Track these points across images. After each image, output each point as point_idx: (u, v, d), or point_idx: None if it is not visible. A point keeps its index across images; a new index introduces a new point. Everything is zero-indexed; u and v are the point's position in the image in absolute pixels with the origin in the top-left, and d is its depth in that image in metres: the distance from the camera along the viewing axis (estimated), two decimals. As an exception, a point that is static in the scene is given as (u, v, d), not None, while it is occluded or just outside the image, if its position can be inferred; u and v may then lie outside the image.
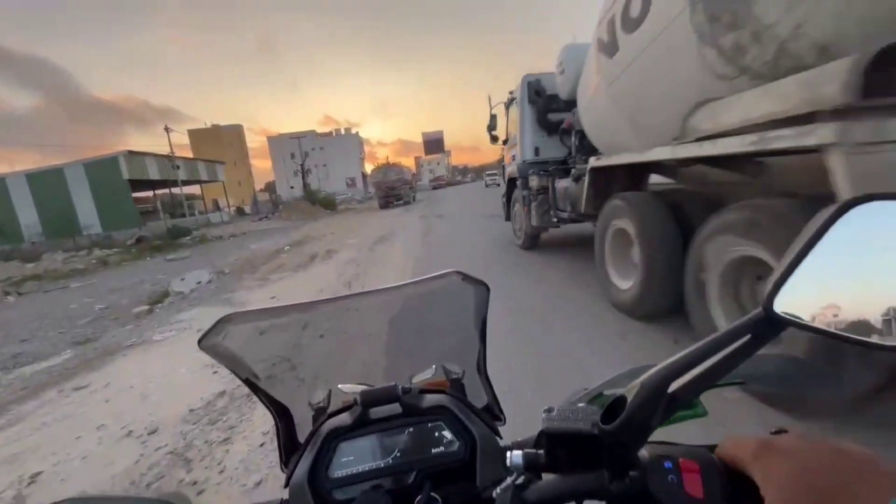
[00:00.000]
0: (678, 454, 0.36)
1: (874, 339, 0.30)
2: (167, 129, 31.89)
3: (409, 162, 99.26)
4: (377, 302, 0.71)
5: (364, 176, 71.83)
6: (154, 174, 29.33)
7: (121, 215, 26.16)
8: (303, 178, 42.58)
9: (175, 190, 35.00)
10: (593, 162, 4.48)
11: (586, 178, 4.65)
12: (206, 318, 5.76)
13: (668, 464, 0.36)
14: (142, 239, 21.79)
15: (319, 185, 57.82)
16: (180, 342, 4.89)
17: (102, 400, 3.55)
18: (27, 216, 26.69)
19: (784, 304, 0.33)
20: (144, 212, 31.72)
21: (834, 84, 1.74)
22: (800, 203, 2.13)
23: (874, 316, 0.30)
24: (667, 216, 3.41)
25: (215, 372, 3.75)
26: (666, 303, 3.34)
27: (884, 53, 1.61)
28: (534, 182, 6.57)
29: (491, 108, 8.14)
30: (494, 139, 8.45)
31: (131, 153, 27.67)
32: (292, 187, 64.99)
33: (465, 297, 0.67)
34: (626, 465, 0.37)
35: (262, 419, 2.84)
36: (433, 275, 0.64)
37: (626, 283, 3.79)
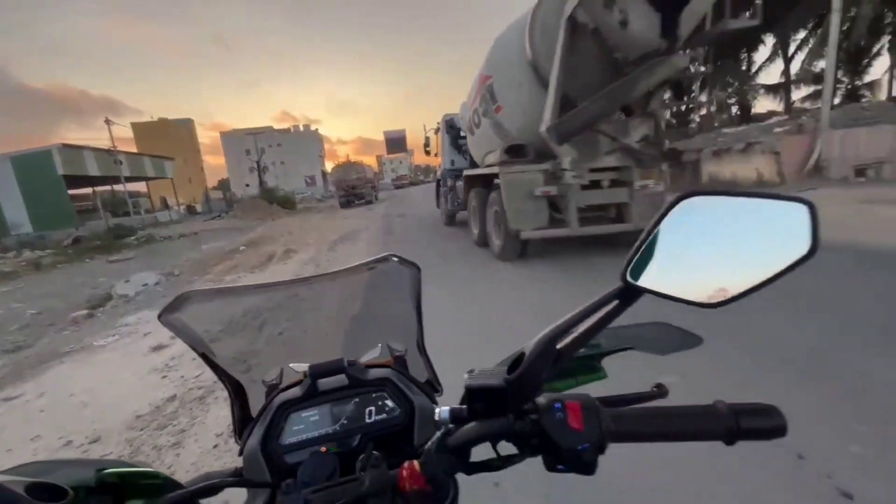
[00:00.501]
0: (566, 398, 0.45)
1: (700, 299, 0.41)
2: (108, 122, 29.82)
3: (370, 160, 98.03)
4: (326, 286, 0.77)
5: (324, 174, 70.19)
6: (93, 170, 27.33)
7: (55, 214, 24.19)
8: (259, 175, 41.03)
9: (118, 187, 32.77)
10: (465, 173, 8.52)
11: (463, 181, 8.79)
12: (152, 322, 5.48)
13: (557, 405, 0.44)
14: (79, 239, 20.24)
15: (277, 182, 55.97)
16: (125, 346, 4.64)
17: (37, 410, 3.32)
18: (-57, 214, 24.17)
19: (637, 276, 0.42)
20: (83, 210, 29.58)
21: (499, 153, 6.16)
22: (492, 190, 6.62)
23: (698, 282, 0.41)
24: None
25: (164, 377, 3.62)
26: (515, 253, 6.17)
27: (510, 147, 6.08)
28: (448, 182, 10.75)
29: (426, 133, 12.81)
30: (428, 153, 13.09)
31: (66, 146, 25.66)
32: (248, 185, 62.50)
33: (402, 279, 0.73)
34: (526, 410, 0.46)
35: (216, 421, 2.78)
36: (372, 259, 0.70)
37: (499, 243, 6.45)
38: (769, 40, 20.27)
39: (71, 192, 27.51)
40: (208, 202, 42.98)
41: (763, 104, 21.86)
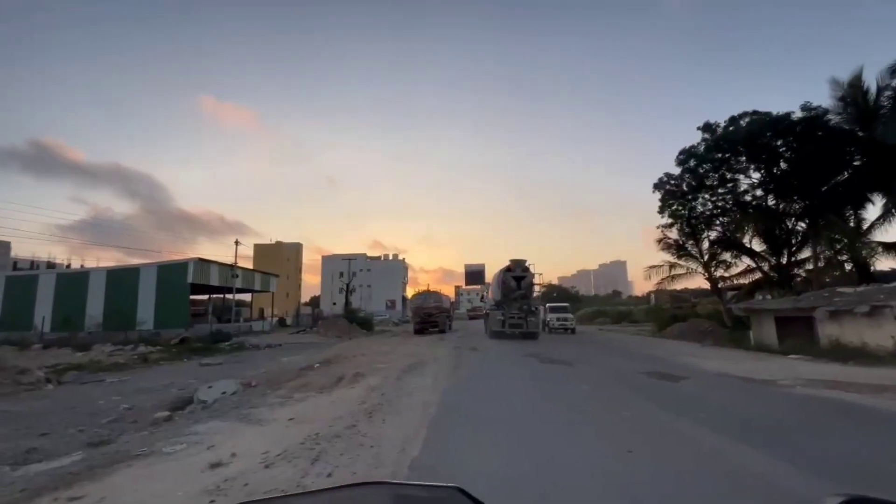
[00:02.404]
0: None
1: None
2: (237, 243, 35.56)
3: (449, 290, 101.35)
4: (377, 498, 0.67)
5: (404, 299, 73.66)
6: (214, 280, 31.80)
7: (174, 315, 27.77)
8: (346, 296, 44.31)
9: (229, 296, 37.29)
10: (487, 310, 27.10)
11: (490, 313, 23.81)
12: (219, 434, 5.58)
13: None
14: (185, 340, 22.59)
15: (361, 303, 59.62)
16: (187, 458, 4.68)
17: (91, 517, 3.33)
18: (94, 307, 28.96)
19: None
20: (196, 314, 33.54)
21: (488, 306, 29.45)
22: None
23: None
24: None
25: (212, 501, 3.49)
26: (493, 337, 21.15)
27: (495, 304, 24.16)
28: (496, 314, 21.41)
29: (484, 291, 41.42)
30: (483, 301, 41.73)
31: (201, 260, 30.60)
32: (335, 304, 67.36)
33: None
34: None
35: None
36: (434, 484, 0.62)
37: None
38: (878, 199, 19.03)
39: (192, 297, 31.85)
40: (298, 316, 46.56)
41: (885, 263, 19.48)
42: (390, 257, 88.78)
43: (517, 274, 20.39)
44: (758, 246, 21.47)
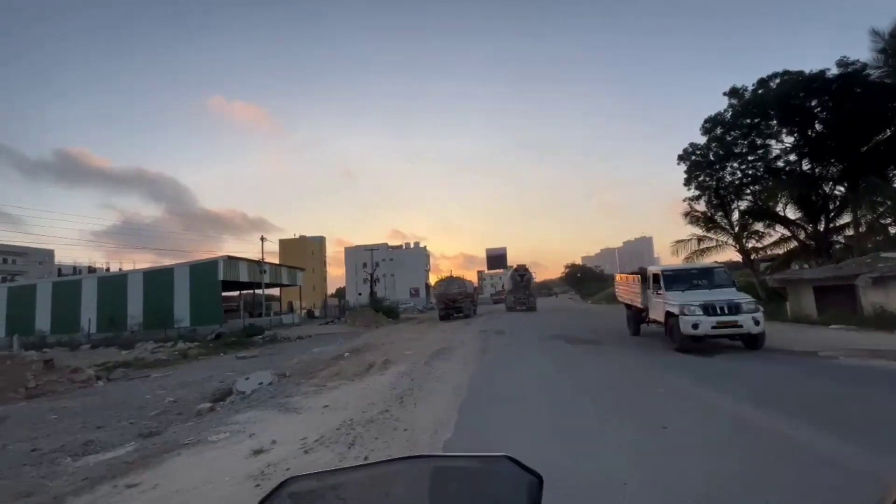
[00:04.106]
0: None
1: None
2: (262, 239, 36.43)
3: (471, 275, 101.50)
4: (425, 469, 0.68)
5: (427, 287, 74.19)
6: (244, 277, 32.75)
7: (208, 312, 28.84)
8: (371, 286, 44.95)
9: (258, 291, 38.40)
10: (508, 292, 37.08)
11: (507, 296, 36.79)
12: (259, 422, 5.81)
13: None
14: (220, 335, 23.48)
15: (386, 293, 60.39)
16: (231, 446, 4.90)
17: (149, 502, 3.54)
18: (134, 307, 30.38)
19: None
20: (229, 310, 34.71)
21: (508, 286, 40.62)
22: None
23: None
24: None
25: (258, 486, 3.65)
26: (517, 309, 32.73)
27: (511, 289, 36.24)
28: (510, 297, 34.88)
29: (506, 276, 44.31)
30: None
31: (230, 258, 31.53)
32: (360, 294, 68.41)
33: (516, 486, 0.60)
34: None
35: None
36: (482, 454, 0.62)
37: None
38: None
39: (224, 294, 32.96)
40: (325, 308, 47.60)
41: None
42: (411, 245, 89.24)
43: (521, 273, 34.81)
44: (792, 214, 20.49)
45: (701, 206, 22.92)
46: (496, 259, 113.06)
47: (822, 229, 19.18)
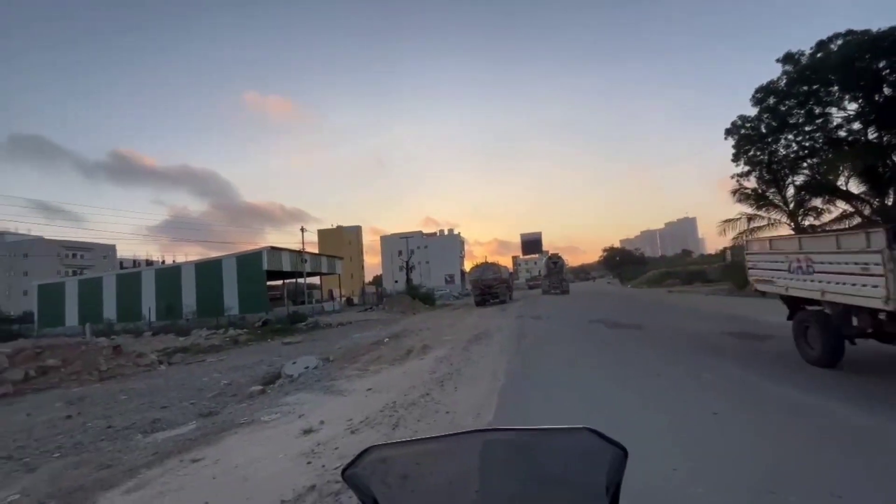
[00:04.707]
0: None
1: None
2: (302, 230, 37.66)
3: (506, 261, 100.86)
4: (503, 441, 0.69)
5: (462, 273, 74.43)
6: (286, 266, 34.09)
7: (254, 300, 30.31)
8: (407, 273, 45.65)
9: (300, 280, 39.89)
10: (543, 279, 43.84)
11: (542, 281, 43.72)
12: (307, 404, 6.10)
13: None
14: (267, 322, 24.66)
15: (421, 280, 61.16)
16: (282, 426, 5.19)
17: (210, 476, 3.82)
18: (188, 297, 32.39)
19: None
20: (273, 298, 36.32)
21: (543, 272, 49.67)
22: None
23: None
24: None
25: (309, 462, 3.86)
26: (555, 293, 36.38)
27: (547, 273, 42.13)
28: (545, 282, 40.39)
29: (545, 269, 42.50)
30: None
31: (273, 248, 32.85)
32: (396, 281, 69.68)
33: (598, 459, 0.60)
34: None
35: (345, 523, 2.77)
36: (564, 427, 0.62)
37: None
38: None
39: (268, 283, 34.51)
40: (364, 295, 48.87)
41: None
42: (445, 233, 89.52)
43: (555, 260, 40.34)
44: (856, 188, 18.83)
45: (751, 183, 21.55)
46: (531, 244, 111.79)
47: (890, 203, 17.57)
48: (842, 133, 18.66)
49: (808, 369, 5.84)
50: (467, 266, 64.36)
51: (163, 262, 54.26)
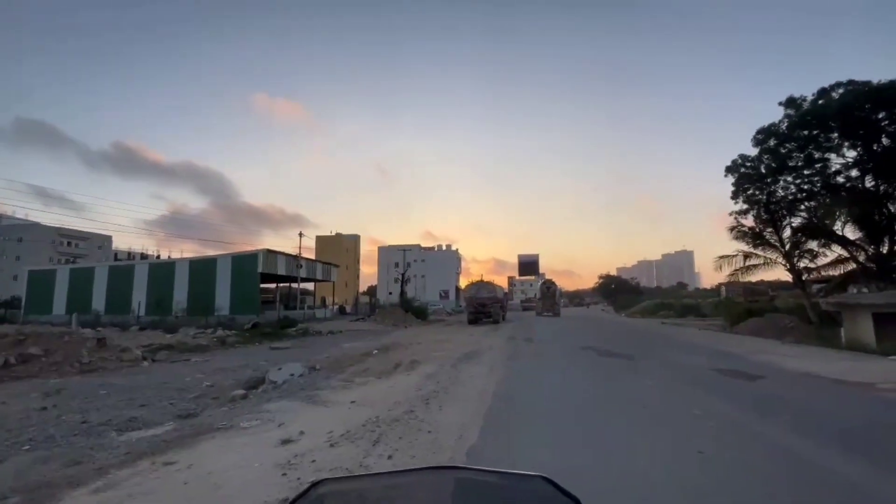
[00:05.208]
0: None
1: None
2: (301, 235, 37.85)
3: (501, 280, 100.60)
4: (455, 481, 0.67)
5: (457, 289, 74.26)
6: (281, 270, 33.91)
7: (246, 302, 30.04)
8: (402, 285, 45.48)
9: (294, 285, 39.66)
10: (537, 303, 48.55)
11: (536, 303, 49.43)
12: (288, 413, 5.98)
13: None
14: (257, 325, 24.41)
15: (416, 293, 60.96)
16: (261, 433, 5.07)
17: (182, 482, 3.71)
18: (180, 294, 32.09)
19: None
20: (265, 301, 36.03)
21: (538, 295, 54.70)
22: None
23: None
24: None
25: (284, 474, 3.76)
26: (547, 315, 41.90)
27: (541, 297, 48.67)
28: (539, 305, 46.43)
29: (539, 292, 48.65)
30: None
31: (269, 251, 32.74)
32: (390, 293, 69.37)
33: None
34: None
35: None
36: (517, 472, 0.61)
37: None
38: None
39: (262, 285, 34.26)
40: (356, 305, 48.58)
41: None
42: (443, 248, 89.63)
43: (548, 285, 46.15)
44: (852, 233, 19.06)
45: (749, 221, 21.77)
46: (528, 266, 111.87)
47: (884, 251, 17.74)
48: (840, 179, 18.96)
49: (795, 411, 5.80)
50: (463, 283, 64.34)
51: (157, 256, 53.97)
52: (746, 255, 21.74)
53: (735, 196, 21.64)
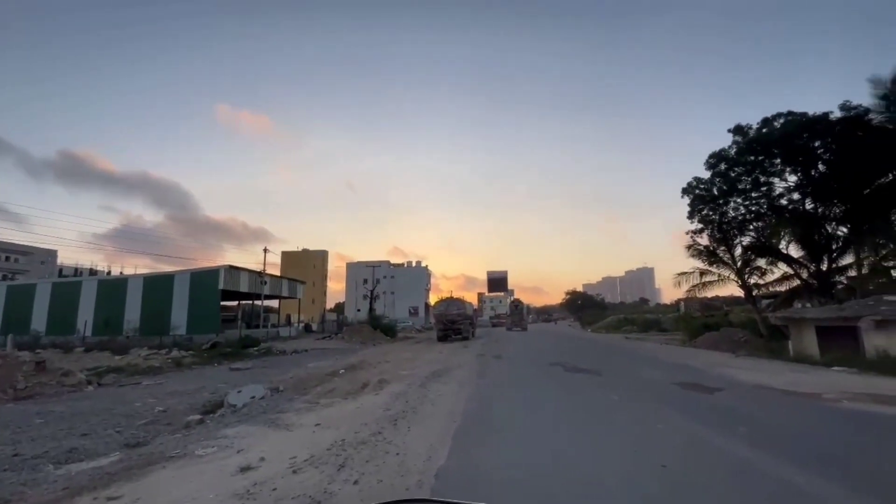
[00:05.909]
0: None
1: None
2: (265, 250, 36.54)
3: (471, 297, 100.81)
4: None
5: (427, 306, 73.79)
6: (244, 287, 32.68)
7: (205, 321, 28.66)
8: (370, 303, 44.75)
9: (258, 302, 38.23)
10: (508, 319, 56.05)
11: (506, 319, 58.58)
12: (248, 438, 5.69)
13: None
14: (216, 344, 23.25)
15: (385, 310, 60.05)
16: (218, 461, 4.78)
17: (128, 517, 3.43)
18: (132, 312, 30.23)
19: None
20: (226, 319, 34.50)
21: (507, 313, 66.37)
22: None
23: None
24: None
25: (241, 505, 3.55)
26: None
27: (511, 313, 58.68)
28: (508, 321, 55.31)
29: (509, 310, 59.35)
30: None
31: (231, 267, 31.52)
32: (359, 310, 68.05)
33: None
34: None
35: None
36: (464, 503, 0.59)
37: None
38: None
39: (223, 303, 32.82)
40: (323, 322, 47.27)
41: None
42: (413, 264, 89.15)
43: (516, 304, 53.32)
44: (795, 252, 20.45)
45: (704, 240, 22.96)
46: (497, 282, 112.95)
47: (824, 269, 19.11)
48: (783, 201, 20.39)
49: (751, 423, 6.04)
50: (433, 299, 64.00)
51: (108, 272, 50.84)
52: (702, 272, 22.83)
53: (691, 216, 22.81)
